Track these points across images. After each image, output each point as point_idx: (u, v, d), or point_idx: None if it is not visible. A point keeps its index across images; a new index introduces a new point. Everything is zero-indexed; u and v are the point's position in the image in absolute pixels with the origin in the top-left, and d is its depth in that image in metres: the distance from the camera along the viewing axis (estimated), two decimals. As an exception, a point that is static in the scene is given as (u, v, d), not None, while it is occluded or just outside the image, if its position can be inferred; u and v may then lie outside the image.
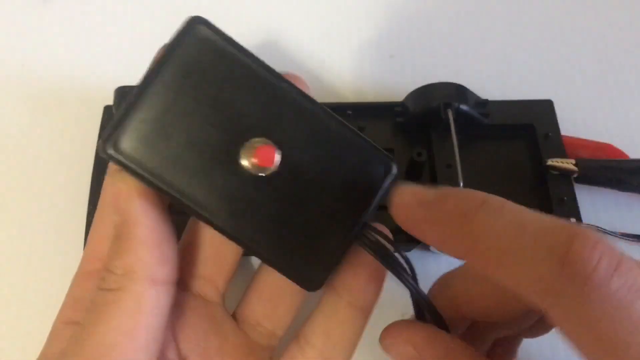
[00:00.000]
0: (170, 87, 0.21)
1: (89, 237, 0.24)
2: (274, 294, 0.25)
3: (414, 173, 0.33)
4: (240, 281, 0.26)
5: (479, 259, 0.17)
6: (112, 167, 0.22)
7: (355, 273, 0.23)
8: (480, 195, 0.17)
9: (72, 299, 0.24)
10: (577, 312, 0.14)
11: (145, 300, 0.21)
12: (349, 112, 0.35)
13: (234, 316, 0.26)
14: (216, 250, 0.25)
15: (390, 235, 0.22)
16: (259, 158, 0.21)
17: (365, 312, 0.24)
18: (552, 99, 0.36)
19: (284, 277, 0.23)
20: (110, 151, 0.20)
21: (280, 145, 0.21)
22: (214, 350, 0.24)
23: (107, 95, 0.36)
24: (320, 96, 0.39)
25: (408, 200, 0.19)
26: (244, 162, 0.21)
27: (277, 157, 0.21)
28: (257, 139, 0.21)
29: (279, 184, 0.21)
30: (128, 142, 0.20)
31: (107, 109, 0.36)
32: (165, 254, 0.21)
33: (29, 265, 0.33)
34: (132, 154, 0.20)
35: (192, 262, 0.25)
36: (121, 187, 0.21)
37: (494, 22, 0.42)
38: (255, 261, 0.32)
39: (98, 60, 0.40)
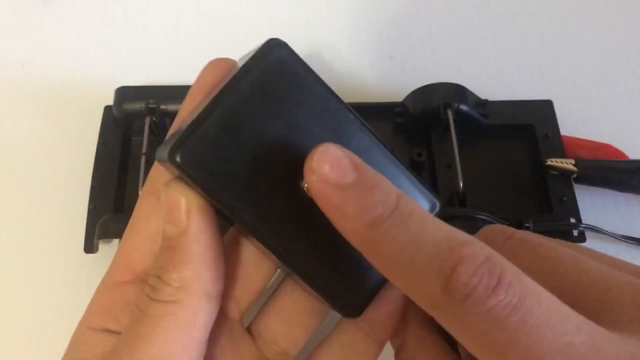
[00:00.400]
0: (245, 104, 0.21)
1: (120, 246, 0.24)
2: (293, 314, 0.25)
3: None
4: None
5: (378, 262, 0.18)
6: (160, 175, 0.22)
7: (378, 307, 0.23)
8: (392, 199, 0.18)
9: (100, 307, 0.23)
10: (458, 326, 0.16)
11: (200, 315, 0.21)
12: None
13: (248, 329, 0.26)
14: (248, 272, 0.25)
15: None
16: None
17: (381, 345, 0.24)
18: (552, 99, 0.36)
19: (308, 299, 0.23)
20: (178, 159, 0.20)
21: None
22: None
23: (107, 95, 0.36)
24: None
25: (326, 173, 0.18)
26: (304, 185, 0.21)
27: None
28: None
29: None
30: (198, 153, 0.20)
31: (107, 109, 0.36)
32: (219, 271, 0.22)
33: (29, 265, 0.33)
34: (200, 165, 0.20)
35: None
36: (180, 199, 0.21)
37: (494, 23, 0.42)
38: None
39: (98, 60, 0.40)
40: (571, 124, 0.36)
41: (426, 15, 0.42)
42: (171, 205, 0.21)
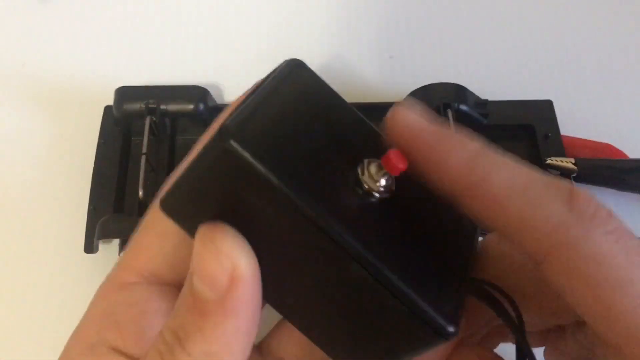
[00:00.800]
0: (282, 104, 0.19)
1: (129, 247, 0.22)
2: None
3: (413, 173, 0.34)
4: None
5: (488, 191, 0.16)
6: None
7: None
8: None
9: (100, 314, 0.21)
10: (583, 250, 0.15)
11: None
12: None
13: (258, 348, 0.24)
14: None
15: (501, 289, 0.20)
16: (389, 162, 0.18)
17: None
18: (552, 99, 0.36)
19: None
20: (233, 143, 0.16)
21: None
22: None
23: (107, 95, 0.36)
24: (320, 96, 0.39)
25: (412, 120, 0.17)
26: (365, 180, 0.19)
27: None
28: (373, 159, 0.19)
29: (397, 210, 0.19)
30: (255, 137, 0.17)
31: (107, 109, 0.36)
32: (248, 350, 0.18)
33: (29, 265, 0.33)
34: (260, 151, 0.17)
35: None
36: (225, 255, 0.17)
37: (494, 23, 0.42)
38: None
39: (98, 60, 0.40)
40: (571, 123, 0.36)
41: (426, 15, 0.42)
42: (210, 259, 0.17)
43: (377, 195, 0.19)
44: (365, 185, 0.19)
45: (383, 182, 0.19)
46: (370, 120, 0.23)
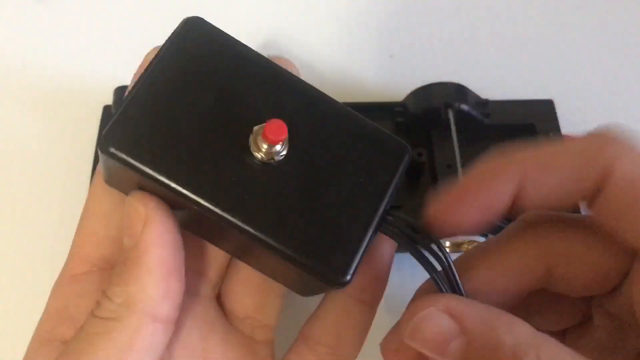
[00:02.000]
0: (169, 81, 0.20)
1: (75, 237, 0.23)
2: (260, 282, 0.24)
3: (414, 173, 0.33)
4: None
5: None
6: (134, 194, 0.20)
7: (365, 270, 0.22)
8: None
9: (55, 309, 0.22)
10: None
11: (140, 337, 0.19)
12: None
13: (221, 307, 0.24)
14: (204, 243, 0.23)
15: (412, 220, 0.21)
16: (269, 134, 0.19)
17: (375, 307, 0.23)
18: (553, 99, 0.36)
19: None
20: (112, 149, 0.19)
21: (289, 129, 0.20)
22: (211, 353, 0.22)
23: (106, 95, 0.36)
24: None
25: (433, 339, 0.17)
26: (253, 149, 0.20)
27: (285, 140, 0.20)
28: (264, 124, 0.20)
29: (290, 170, 0.20)
30: (129, 137, 0.19)
31: (107, 109, 0.36)
32: (171, 289, 0.20)
33: (28, 265, 0.33)
34: (134, 150, 0.19)
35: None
36: (138, 208, 0.19)
37: (494, 22, 0.42)
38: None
39: (97, 60, 0.40)
40: (572, 123, 0.36)
41: (427, 15, 0.42)
42: (129, 214, 0.20)
43: (267, 161, 0.20)
44: (254, 154, 0.20)
45: (271, 149, 0.20)
46: (370, 119, 0.23)
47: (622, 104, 0.38)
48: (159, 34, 0.43)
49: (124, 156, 0.19)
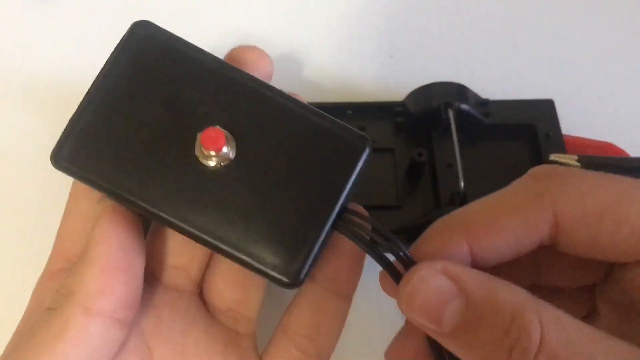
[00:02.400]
0: (118, 90, 0.20)
1: (57, 235, 0.23)
2: (240, 276, 0.24)
3: (414, 173, 0.33)
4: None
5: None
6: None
7: (336, 264, 0.22)
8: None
9: (33, 305, 0.22)
10: None
11: (71, 327, 0.19)
12: (349, 112, 0.35)
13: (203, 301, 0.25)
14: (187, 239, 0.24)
15: (366, 214, 0.21)
16: (206, 143, 0.19)
17: (349, 298, 0.23)
18: (553, 99, 0.36)
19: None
20: (63, 164, 0.20)
21: (236, 133, 0.20)
22: (193, 346, 0.23)
23: (106, 95, 0.36)
24: (320, 96, 0.39)
25: (431, 301, 0.16)
26: (200, 156, 0.20)
27: (231, 144, 0.20)
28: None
29: (239, 174, 0.20)
30: (78, 151, 0.20)
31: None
32: (112, 284, 0.20)
33: (28, 266, 0.33)
34: (83, 162, 0.20)
35: (161, 252, 0.23)
36: (97, 208, 0.20)
37: (494, 22, 0.42)
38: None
39: (97, 60, 0.40)
40: (573, 123, 0.36)
41: (426, 15, 0.42)
42: (98, 215, 0.20)
43: (214, 167, 0.20)
44: (201, 161, 0.20)
45: (215, 155, 0.20)
46: (370, 120, 0.23)
47: (622, 104, 0.38)
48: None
49: (76, 169, 0.20)
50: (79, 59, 0.40)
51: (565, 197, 0.18)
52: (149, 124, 0.20)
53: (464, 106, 0.33)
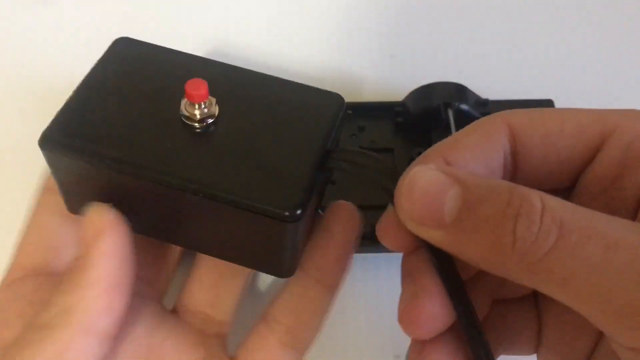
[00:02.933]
0: (102, 86, 0.22)
1: (18, 245, 0.23)
2: (214, 280, 0.24)
3: (414, 173, 0.33)
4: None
5: (545, 288, 0.16)
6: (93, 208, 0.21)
7: (324, 253, 0.23)
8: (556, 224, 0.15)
9: None
10: None
11: (71, 350, 0.18)
12: (349, 112, 0.35)
13: (175, 310, 0.25)
14: (154, 252, 0.24)
15: (368, 152, 0.22)
16: (190, 90, 0.21)
17: (334, 291, 0.24)
18: (553, 99, 0.36)
19: (223, 262, 0.22)
20: (55, 138, 0.21)
21: (218, 97, 0.22)
22: (157, 348, 0.23)
23: (106, 95, 0.36)
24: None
25: (430, 192, 0.17)
26: (184, 117, 0.21)
27: (213, 101, 0.21)
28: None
29: (225, 131, 0.21)
30: (70, 130, 0.21)
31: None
32: (114, 303, 0.19)
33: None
34: (77, 138, 0.21)
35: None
36: (95, 219, 0.20)
37: (494, 22, 0.42)
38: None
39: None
40: (572, 123, 0.36)
41: (426, 14, 0.42)
42: (86, 223, 0.20)
43: (201, 126, 0.21)
44: (187, 123, 0.21)
45: (198, 112, 0.21)
46: (370, 120, 0.24)
47: (622, 104, 0.38)
48: (160, 34, 0.43)
49: (66, 142, 0.21)
50: (80, 60, 0.40)
51: (515, 113, 0.20)
52: (134, 102, 0.22)
53: (464, 106, 0.33)
